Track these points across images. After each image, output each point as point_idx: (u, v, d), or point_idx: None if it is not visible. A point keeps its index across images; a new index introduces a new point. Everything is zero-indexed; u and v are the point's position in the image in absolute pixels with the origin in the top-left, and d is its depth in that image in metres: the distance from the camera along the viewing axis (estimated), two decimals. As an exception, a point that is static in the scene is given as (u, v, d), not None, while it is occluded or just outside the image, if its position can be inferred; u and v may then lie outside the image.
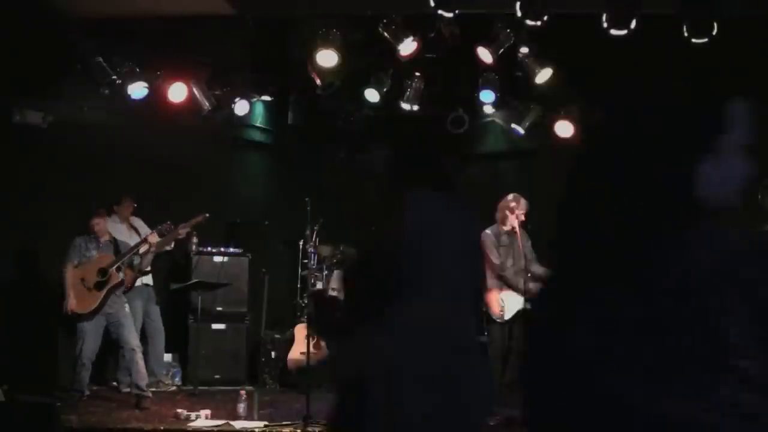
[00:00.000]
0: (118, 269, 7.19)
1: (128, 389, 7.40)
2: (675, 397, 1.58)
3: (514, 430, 6.15)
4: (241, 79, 8.53)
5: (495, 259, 7.13)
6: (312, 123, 9.36)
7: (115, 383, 7.73)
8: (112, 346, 7.40)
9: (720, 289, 1.56)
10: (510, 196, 7.15)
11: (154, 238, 7.43)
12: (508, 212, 7.06)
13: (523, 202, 7.12)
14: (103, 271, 7.13)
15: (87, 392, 7.16)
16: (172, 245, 8.09)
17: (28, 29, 7.07)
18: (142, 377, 7.06)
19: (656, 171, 1.71)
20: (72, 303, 7.03)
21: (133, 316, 7.78)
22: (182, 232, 7.94)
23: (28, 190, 7.70)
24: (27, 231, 7.71)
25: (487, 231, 7.22)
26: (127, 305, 7.35)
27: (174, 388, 8.00)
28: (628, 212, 1.71)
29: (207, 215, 7.96)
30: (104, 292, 7.08)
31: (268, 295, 8.04)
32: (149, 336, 7.95)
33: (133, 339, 7.16)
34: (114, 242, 7.40)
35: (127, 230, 7.97)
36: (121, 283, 7.21)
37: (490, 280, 7.16)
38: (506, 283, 7.12)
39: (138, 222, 8.16)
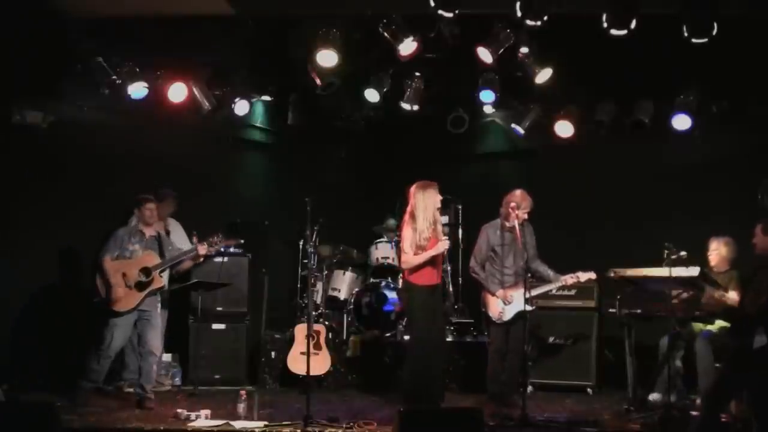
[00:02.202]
0: (162, 273, 7.13)
1: (130, 389, 7.39)
2: None
3: (513, 429, 6.16)
4: (241, 79, 8.52)
5: (473, 256, 7.20)
6: (312, 123, 9.36)
7: (122, 382, 7.71)
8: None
9: None
10: (515, 193, 7.12)
11: (204, 250, 7.37)
12: (511, 209, 7.01)
13: (528, 199, 7.08)
14: (147, 272, 7.04)
15: (101, 385, 7.15)
16: (202, 260, 8.10)
17: (28, 29, 7.07)
18: (150, 380, 7.06)
19: None
20: (116, 297, 6.92)
21: None
22: (211, 250, 7.94)
23: (28, 190, 7.69)
24: (27, 230, 7.70)
25: (487, 226, 7.23)
26: (160, 306, 7.31)
27: (168, 388, 7.99)
28: None
29: (242, 241, 8.04)
30: (145, 293, 7.02)
31: (268, 295, 8.05)
32: None
33: (155, 342, 7.13)
34: (158, 239, 7.26)
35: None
36: (163, 287, 7.19)
37: (492, 279, 7.16)
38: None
39: (175, 226, 8.09)
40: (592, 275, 7.08)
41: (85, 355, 7.07)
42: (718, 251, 7.15)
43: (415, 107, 8.56)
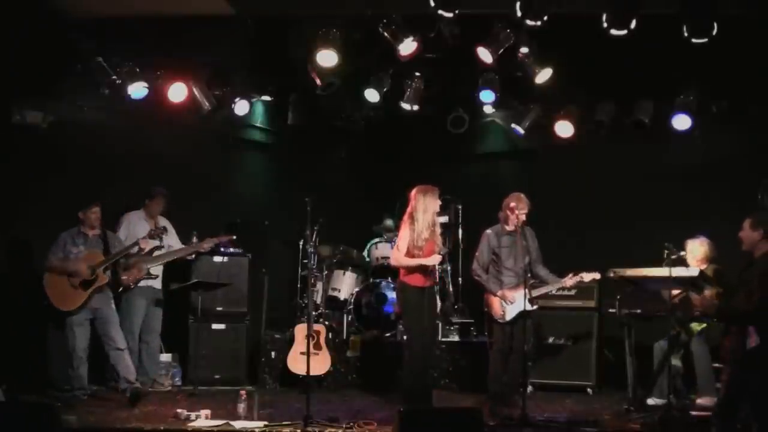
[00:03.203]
0: (107, 269, 7.16)
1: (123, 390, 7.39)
2: None
3: (513, 429, 6.16)
4: (241, 79, 8.53)
5: (475, 259, 7.19)
6: (312, 123, 9.37)
7: (113, 383, 7.70)
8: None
9: None
10: (512, 196, 7.12)
11: (146, 244, 7.45)
12: (509, 212, 7.03)
13: (524, 201, 7.09)
14: (91, 270, 7.10)
15: (89, 391, 7.17)
16: (193, 256, 8.12)
17: (28, 29, 7.07)
18: (130, 371, 7.10)
19: None
20: (63, 297, 7.02)
21: (135, 315, 7.77)
22: (206, 246, 7.98)
23: (28, 190, 7.69)
24: (26, 230, 7.70)
25: (488, 230, 7.23)
26: (113, 302, 7.31)
27: (169, 388, 7.98)
28: None
29: (234, 237, 8.14)
30: (89, 291, 7.07)
31: (268, 295, 8.04)
32: (144, 335, 7.94)
33: (118, 337, 7.15)
34: (103, 237, 7.31)
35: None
36: (109, 283, 7.21)
37: (494, 281, 7.15)
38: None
39: (165, 224, 8.07)
40: (597, 275, 7.07)
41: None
42: (692, 253, 7.14)
43: (415, 107, 8.56)
